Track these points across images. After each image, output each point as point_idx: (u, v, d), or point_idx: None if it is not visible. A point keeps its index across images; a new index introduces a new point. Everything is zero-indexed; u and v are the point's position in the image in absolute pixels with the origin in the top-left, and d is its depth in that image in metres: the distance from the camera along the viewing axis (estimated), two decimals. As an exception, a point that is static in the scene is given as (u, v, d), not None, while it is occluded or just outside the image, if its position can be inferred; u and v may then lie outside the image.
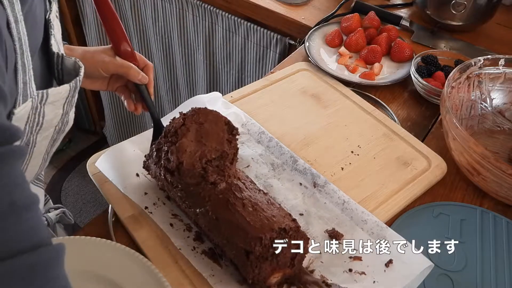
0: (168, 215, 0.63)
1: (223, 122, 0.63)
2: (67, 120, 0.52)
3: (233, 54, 1.37)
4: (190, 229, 0.62)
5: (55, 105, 0.47)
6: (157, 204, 0.64)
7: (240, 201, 0.55)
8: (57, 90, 0.46)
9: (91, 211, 1.94)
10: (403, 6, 1.22)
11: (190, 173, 0.58)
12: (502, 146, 0.82)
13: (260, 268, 0.53)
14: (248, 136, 0.76)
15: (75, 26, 1.75)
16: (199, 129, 0.61)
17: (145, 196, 0.65)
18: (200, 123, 0.61)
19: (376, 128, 0.81)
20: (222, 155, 0.60)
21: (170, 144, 0.59)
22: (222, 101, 0.80)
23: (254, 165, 0.71)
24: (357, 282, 0.57)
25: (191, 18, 1.39)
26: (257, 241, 0.51)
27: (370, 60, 0.97)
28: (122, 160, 0.69)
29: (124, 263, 0.55)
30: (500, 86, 0.83)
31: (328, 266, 0.58)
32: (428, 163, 0.75)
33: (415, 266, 0.57)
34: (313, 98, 0.87)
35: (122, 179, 0.67)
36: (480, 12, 1.09)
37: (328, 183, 0.68)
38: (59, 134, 0.53)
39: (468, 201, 0.72)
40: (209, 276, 0.57)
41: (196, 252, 0.59)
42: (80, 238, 0.58)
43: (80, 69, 0.50)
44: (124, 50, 0.68)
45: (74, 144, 2.23)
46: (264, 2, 1.19)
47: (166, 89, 1.69)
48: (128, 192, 0.65)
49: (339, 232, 0.62)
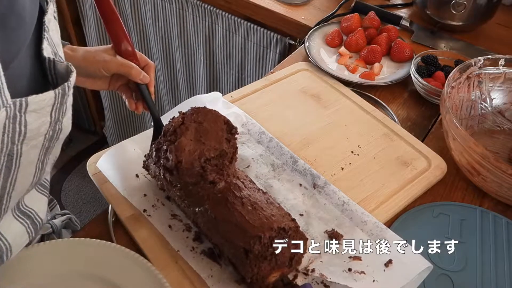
0: (167, 216, 0.63)
1: (222, 121, 0.63)
2: (60, 127, 0.49)
3: (233, 54, 1.37)
4: (189, 229, 0.62)
5: (39, 113, 0.43)
6: (156, 205, 0.64)
7: (239, 200, 0.55)
8: (40, 97, 0.42)
9: (91, 211, 1.94)
10: (403, 6, 1.22)
11: (189, 172, 0.57)
12: (502, 146, 0.82)
13: (259, 268, 0.52)
14: (248, 136, 0.76)
15: (75, 26, 1.75)
16: (198, 128, 0.61)
17: (144, 198, 0.65)
18: (199, 122, 0.61)
19: (376, 128, 0.81)
20: (221, 154, 0.60)
21: (169, 143, 0.59)
22: (223, 101, 0.80)
23: (254, 165, 0.71)
24: (356, 281, 0.57)
25: (191, 18, 1.39)
26: (256, 240, 0.51)
27: (370, 60, 0.97)
28: (122, 160, 0.69)
29: (124, 264, 0.55)
30: (500, 86, 0.83)
31: (328, 265, 0.58)
32: (428, 163, 0.75)
33: (414, 267, 0.57)
34: (313, 98, 0.87)
35: (121, 180, 0.66)
36: (480, 12, 1.09)
37: (328, 184, 0.68)
38: (52, 142, 0.50)
39: (468, 201, 0.72)
40: (207, 277, 0.57)
41: (195, 253, 0.59)
42: (80, 239, 0.57)
43: (71, 74, 0.47)
44: (125, 49, 0.68)
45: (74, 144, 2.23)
46: (264, 2, 1.19)
47: (166, 89, 1.69)
48: (127, 194, 0.65)
49: (338, 233, 0.62)
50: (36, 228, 0.58)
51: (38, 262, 0.55)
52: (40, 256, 0.55)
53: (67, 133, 0.53)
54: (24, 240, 0.56)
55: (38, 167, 0.50)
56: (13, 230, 0.53)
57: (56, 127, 0.48)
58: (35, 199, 0.57)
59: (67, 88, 0.45)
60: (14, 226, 0.53)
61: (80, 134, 2.24)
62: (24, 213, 0.55)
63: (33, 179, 0.51)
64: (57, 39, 0.53)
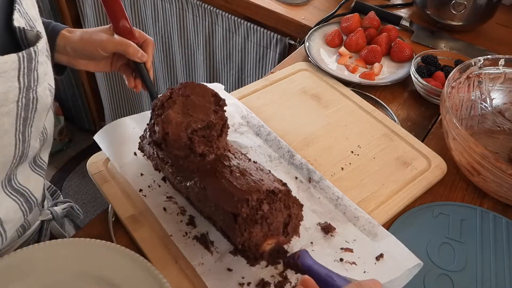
0: (163, 198, 0.64)
1: (210, 94, 0.63)
2: (34, 96, 0.48)
3: (233, 54, 1.37)
4: (183, 213, 0.63)
5: (4, 77, 0.43)
6: (152, 186, 0.65)
7: (228, 168, 0.55)
8: (1, 59, 0.42)
9: (91, 211, 1.94)
10: (403, 6, 1.22)
11: (177, 144, 0.57)
12: (502, 146, 0.82)
13: (250, 233, 0.51)
14: (247, 128, 0.77)
15: (75, 26, 1.75)
16: (186, 101, 0.61)
17: (140, 177, 0.66)
18: (187, 96, 0.61)
19: (376, 128, 0.81)
20: (209, 125, 0.59)
21: (157, 117, 0.60)
22: (224, 93, 0.80)
23: (252, 154, 0.72)
24: (347, 270, 0.57)
25: (191, 18, 1.39)
26: (243, 203, 0.50)
27: (370, 60, 0.97)
28: (122, 137, 0.70)
29: (124, 264, 0.55)
30: (500, 86, 0.83)
31: (320, 255, 0.59)
32: (428, 163, 0.75)
33: (405, 263, 0.58)
34: (313, 98, 0.87)
35: (119, 157, 0.67)
36: (480, 12, 1.09)
37: (323, 179, 0.68)
38: (30, 113, 0.49)
39: (468, 201, 0.72)
40: (198, 264, 0.57)
41: (187, 238, 0.60)
42: (80, 239, 0.57)
43: (40, 40, 0.46)
44: (123, 26, 0.68)
45: (74, 144, 2.23)
46: (264, 2, 1.19)
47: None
48: (124, 172, 0.65)
49: (331, 226, 0.63)
50: (30, 207, 0.58)
51: (38, 262, 0.55)
52: (40, 256, 0.55)
53: (47, 105, 0.52)
54: (19, 217, 0.56)
55: (19, 139, 0.49)
56: (5, 206, 0.53)
57: (29, 96, 0.47)
58: (30, 178, 0.57)
59: (34, 53, 0.45)
60: (6, 202, 0.53)
61: (80, 134, 2.24)
62: (18, 191, 0.55)
63: (16, 151, 0.50)
64: (35, 14, 0.52)
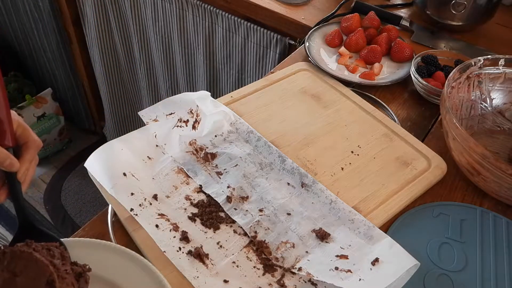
0: (154, 216, 0.63)
1: (45, 280, 0.47)
2: None
3: (233, 54, 1.37)
4: (176, 229, 0.62)
5: None
6: (143, 205, 0.64)
7: None
8: None
9: (91, 211, 1.94)
10: (403, 6, 1.22)
11: None
12: (502, 146, 0.82)
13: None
14: (237, 135, 0.76)
15: (75, 26, 1.75)
16: (9, 282, 0.45)
17: (131, 196, 0.65)
18: (14, 274, 0.46)
19: (376, 128, 0.81)
20: None
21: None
22: (211, 100, 0.79)
23: (242, 164, 0.71)
24: (343, 279, 0.57)
25: (191, 18, 1.39)
26: None
27: (370, 60, 0.97)
28: (110, 159, 0.68)
29: (124, 264, 0.55)
30: (500, 86, 0.83)
31: (315, 264, 0.59)
32: (428, 163, 0.75)
33: (401, 265, 0.57)
34: (313, 98, 0.87)
35: (109, 179, 0.66)
36: (480, 12, 1.09)
37: (316, 182, 0.68)
38: None
39: (468, 201, 0.72)
40: (193, 278, 0.56)
41: (181, 253, 0.59)
42: (80, 239, 0.57)
43: None
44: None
45: (74, 144, 2.23)
46: (264, 2, 1.19)
47: (166, 89, 1.69)
48: (115, 193, 0.64)
49: (326, 232, 0.63)
50: None
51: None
52: (40, 256, 0.55)
53: None
54: None
55: None
56: None
57: None
58: None
59: None
60: None
61: (80, 134, 2.25)
62: None
63: None
64: None
